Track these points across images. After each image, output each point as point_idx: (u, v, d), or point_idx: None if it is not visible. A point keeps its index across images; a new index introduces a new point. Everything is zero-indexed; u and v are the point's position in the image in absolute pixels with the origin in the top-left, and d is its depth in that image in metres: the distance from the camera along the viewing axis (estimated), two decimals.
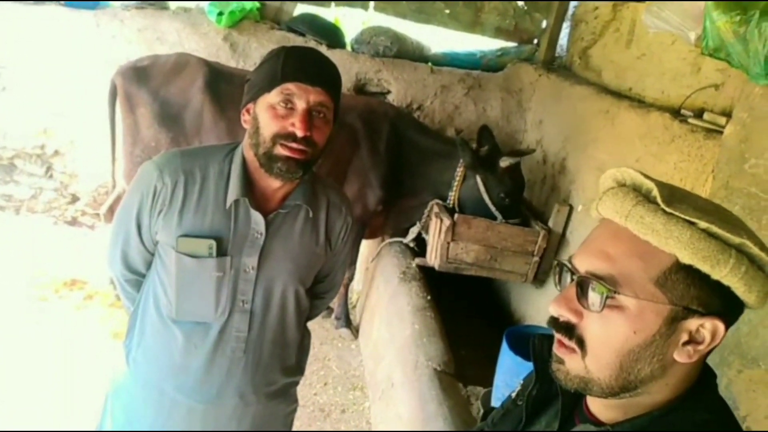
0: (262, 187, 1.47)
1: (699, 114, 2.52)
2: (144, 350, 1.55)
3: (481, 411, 2.53)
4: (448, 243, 3.15)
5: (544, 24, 4.63)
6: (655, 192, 0.78)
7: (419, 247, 3.65)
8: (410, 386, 2.57)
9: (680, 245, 0.75)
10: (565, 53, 4.32)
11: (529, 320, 3.41)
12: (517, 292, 3.73)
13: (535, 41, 4.74)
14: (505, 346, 2.49)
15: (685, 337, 0.78)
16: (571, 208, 3.23)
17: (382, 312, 3.39)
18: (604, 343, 0.79)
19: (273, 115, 1.37)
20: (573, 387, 0.83)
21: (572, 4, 4.28)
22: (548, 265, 3.26)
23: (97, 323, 3.40)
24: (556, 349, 0.84)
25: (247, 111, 1.46)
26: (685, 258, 0.75)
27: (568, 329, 0.82)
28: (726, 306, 0.78)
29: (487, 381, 2.61)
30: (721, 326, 0.77)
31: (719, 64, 2.24)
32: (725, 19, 1.67)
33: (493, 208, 3.20)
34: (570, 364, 0.83)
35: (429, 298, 3.18)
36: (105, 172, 4.07)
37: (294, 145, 1.37)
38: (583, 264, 0.82)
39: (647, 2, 2.18)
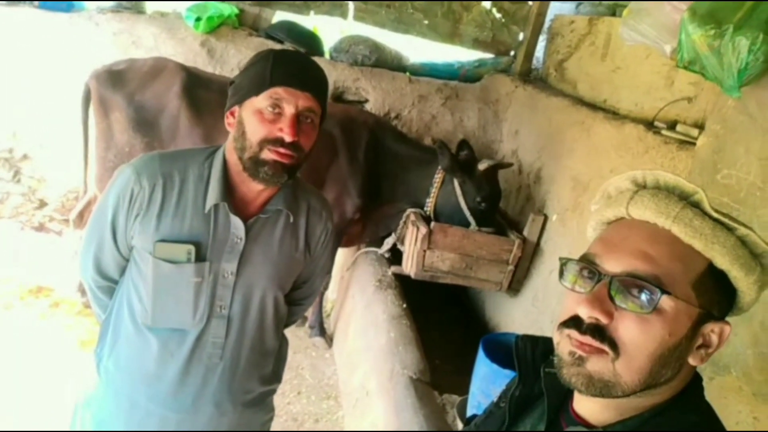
0: (243, 192, 1.45)
1: (672, 126, 2.57)
2: (116, 359, 1.51)
3: (457, 419, 2.53)
4: (424, 251, 3.14)
5: (521, 36, 4.70)
6: (701, 196, 0.79)
7: (394, 256, 3.64)
8: (386, 395, 2.55)
9: (724, 251, 0.76)
10: (542, 65, 4.38)
11: (504, 328, 3.42)
12: (491, 301, 3.74)
13: (512, 53, 4.80)
14: (481, 354, 2.49)
15: (700, 341, 0.79)
16: (546, 218, 3.26)
17: (358, 320, 3.37)
18: (639, 345, 0.77)
19: (260, 120, 1.35)
20: (592, 392, 0.79)
21: (548, 17, 4.35)
22: (522, 274, 3.27)
23: (63, 332, 3.31)
24: (578, 348, 0.79)
25: (232, 114, 1.43)
26: (724, 263, 0.76)
27: (599, 331, 0.78)
28: (728, 311, 0.81)
29: (463, 389, 2.61)
30: (728, 329, 0.78)
31: (692, 77, 2.30)
32: (700, 33, 1.71)
33: (467, 213, 3.19)
34: (595, 366, 0.78)
35: (404, 306, 3.17)
36: (75, 177, 3.99)
37: (282, 150, 1.34)
38: (619, 264, 0.79)
39: (624, 15, 2.22)
